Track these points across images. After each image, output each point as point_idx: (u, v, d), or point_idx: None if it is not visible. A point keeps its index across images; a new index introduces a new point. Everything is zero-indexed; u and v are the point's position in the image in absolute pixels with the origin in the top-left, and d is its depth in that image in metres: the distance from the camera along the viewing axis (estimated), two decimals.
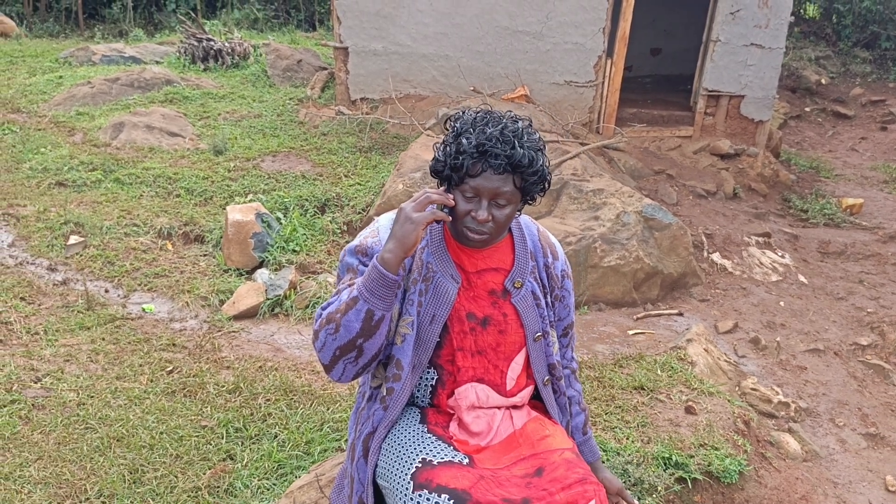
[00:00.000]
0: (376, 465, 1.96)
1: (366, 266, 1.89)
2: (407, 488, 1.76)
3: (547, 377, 2.09)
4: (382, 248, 1.78)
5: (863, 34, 11.97)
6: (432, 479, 1.75)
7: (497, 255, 1.99)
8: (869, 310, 5.29)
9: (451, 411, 2.01)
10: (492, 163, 1.77)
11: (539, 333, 2.02)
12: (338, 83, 7.43)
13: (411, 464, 1.82)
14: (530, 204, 1.96)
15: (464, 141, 1.80)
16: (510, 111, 1.93)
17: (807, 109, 10.47)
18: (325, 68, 8.85)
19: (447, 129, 1.91)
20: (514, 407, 2.06)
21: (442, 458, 1.83)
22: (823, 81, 10.98)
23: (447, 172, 1.84)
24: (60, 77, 8.22)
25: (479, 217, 1.81)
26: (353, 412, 2.13)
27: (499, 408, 2.03)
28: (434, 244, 1.94)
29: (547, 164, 1.89)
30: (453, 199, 1.81)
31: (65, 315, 4.22)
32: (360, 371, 1.86)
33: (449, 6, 6.98)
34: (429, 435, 1.93)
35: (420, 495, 1.73)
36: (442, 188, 1.90)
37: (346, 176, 6.06)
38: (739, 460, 3.32)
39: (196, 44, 8.98)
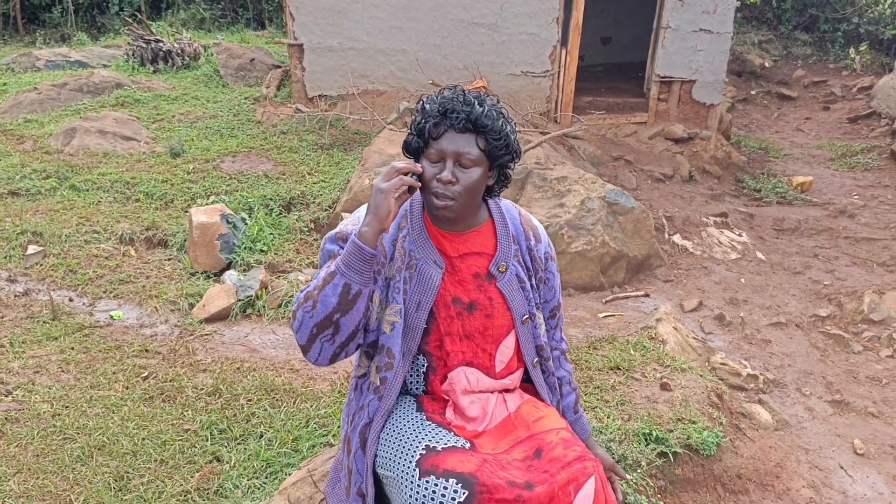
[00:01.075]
0: (375, 456, 1.97)
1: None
2: (413, 475, 1.77)
3: (536, 359, 2.12)
4: (361, 224, 1.81)
5: (802, 17, 12.34)
6: (438, 464, 1.77)
7: (479, 239, 2.00)
8: (825, 282, 5.47)
9: (446, 397, 2.03)
10: (452, 119, 1.81)
11: (526, 316, 2.04)
12: (294, 81, 7.36)
13: (415, 451, 1.83)
14: (505, 185, 1.98)
15: (427, 106, 1.86)
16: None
17: (753, 92, 10.75)
18: (279, 66, 8.76)
19: (418, 111, 1.95)
20: (507, 391, 2.09)
21: (445, 444, 1.85)
22: (767, 65, 11.29)
23: (415, 142, 1.88)
24: (4, 84, 7.97)
25: (443, 178, 1.82)
26: (346, 405, 2.14)
27: (492, 392, 2.06)
28: (415, 232, 1.96)
29: (513, 132, 1.92)
30: (421, 167, 1.84)
31: (30, 326, 4.11)
32: (338, 352, 1.86)
33: (403, 0, 6.97)
34: (428, 422, 1.95)
35: (428, 482, 1.73)
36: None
37: (309, 174, 6.02)
38: (716, 432, 3.42)
39: (144, 46, 8.79)
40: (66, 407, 3.33)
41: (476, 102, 1.84)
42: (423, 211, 1.99)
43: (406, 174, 1.80)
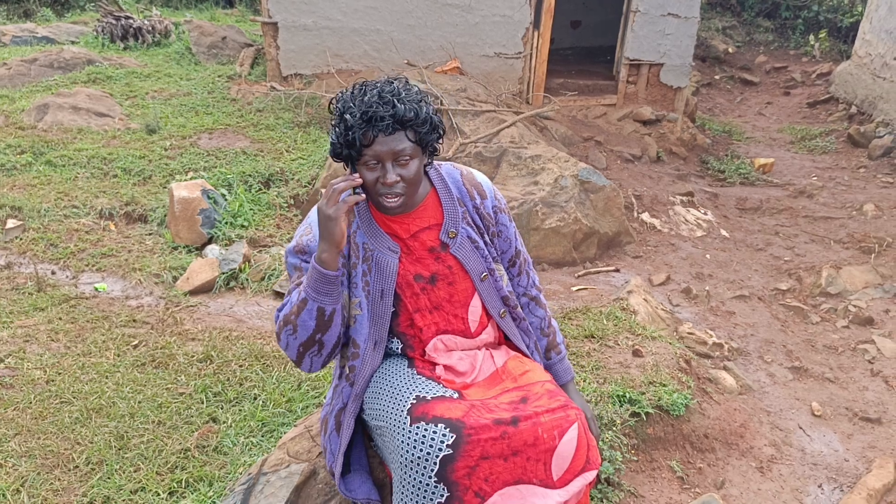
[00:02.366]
0: (362, 409, 2.09)
1: (308, 263, 1.98)
2: (404, 422, 1.88)
3: (502, 309, 2.19)
4: (317, 247, 1.87)
5: (765, 4, 12.65)
6: (428, 411, 1.88)
7: (427, 213, 2.07)
8: (786, 258, 5.74)
9: (433, 362, 2.15)
10: (379, 125, 1.82)
11: (484, 273, 2.12)
12: (268, 59, 7.39)
13: (406, 401, 1.94)
14: (436, 155, 2.04)
15: (348, 117, 1.84)
16: (386, 78, 2.00)
17: (716, 77, 11.03)
18: (252, 44, 8.75)
19: (332, 113, 1.96)
20: (490, 346, 2.23)
21: (435, 394, 1.97)
22: (730, 50, 11.58)
23: (345, 152, 1.88)
24: None
25: (387, 181, 1.86)
26: (332, 388, 2.25)
27: (479, 348, 2.20)
28: (364, 224, 2.03)
29: (432, 111, 1.94)
30: (359, 176, 1.87)
31: (16, 297, 4.15)
32: (327, 359, 2.02)
33: None
34: (419, 376, 2.07)
35: (418, 427, 1.84)
36: (348, 170, 1.96)
37: (287, 151, 6.09)
38: (685, 395, 3.62)
39: (114, 22, 8.71)
40: (59, 373, 3.41)
41: (395, 100, 1.85)
42: (367, 203, 2.04)
43: (347, 190, 1.84)
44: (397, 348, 2.11)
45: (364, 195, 1.87)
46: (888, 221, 6.20)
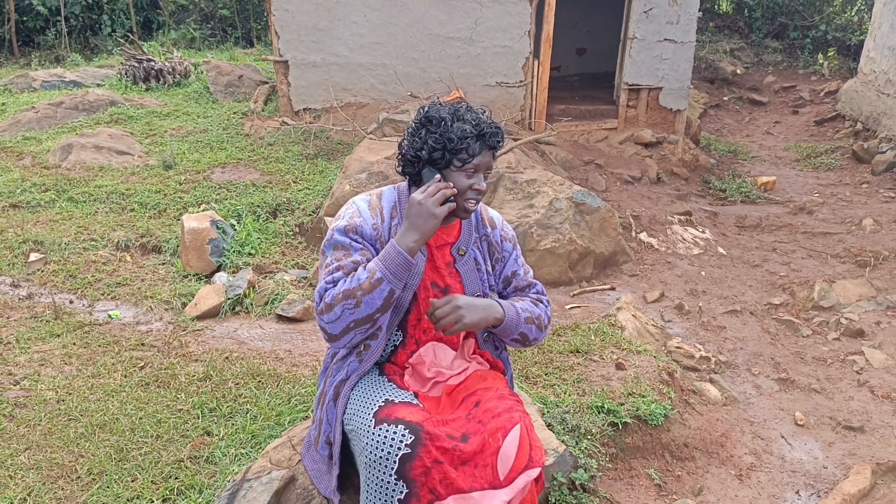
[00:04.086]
0: (345, 411, 2.29)
1: (359, 244, 2.18)
2: (370, 424, 2.07)
3: (486, 335, 2.44)
4: (401, 236, 2.07)
5: (772, 25, 12.79)
6: (391, 413, 2.07)
7: (453, 232, 2.34)
8: (781, 273, 5.83)
9: (407, 367, 2.35)
10: (491, 142, 2.15)
11: (479, 294, 2.36)
12: (280, 95, 7.73)
13: (374, 404, 2.13)
14: None
15: (466, 127, 2.12)
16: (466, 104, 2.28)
17: (724, 98, 11.16)
18: (267, 82, 9.13)
19: (422, 123, 2.20)
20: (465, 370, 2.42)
21: (402, 399, 2.17)
22: (739, 71, 11.71)
23: (447, 158, 2.13)
24: (3, 104, 8.32)
25: (482, 188, 2.17)
26: (322, 371, 2.46)
27: (449, 369, 2.38)
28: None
29: None
30: (452, 185, 2.12)
31: (34, 325, 4.43)
32: (365, 338, 2.22)
33: (383, 17, 7.35)
34: (389, 382, 2.28)
35: (381, 429, 2.03)
36: (437, 176, 2.15)
37: (294, 182, 6.37)
38: (664, 405, 3.75)
39: (137, 65, 9.16)
40: (70, 393, 3.65)
41: (497, 123, 2.19)
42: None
43: (448, 198, 2.09)
44: (397, 339, 2.31)
45: (455, 204, 2.13)
46: (886, 235, 6.26)
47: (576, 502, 3.12)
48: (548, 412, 3.52)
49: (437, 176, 2.12)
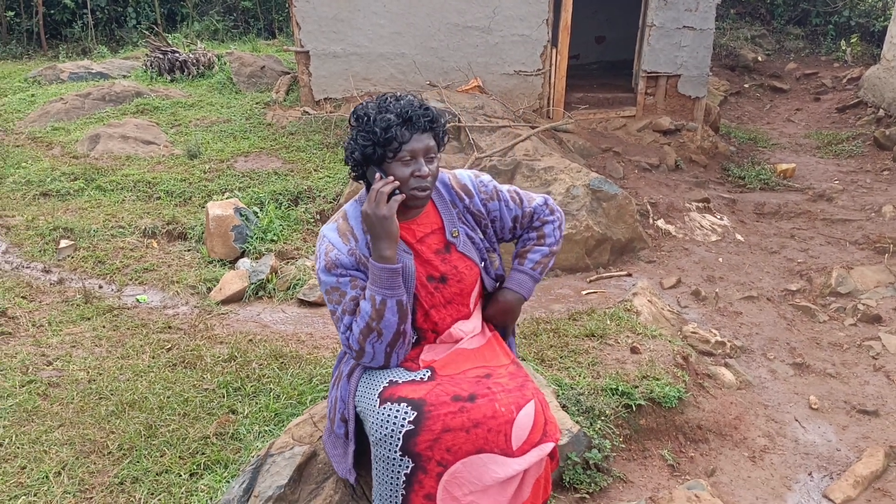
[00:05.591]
0: (356, 393, 2.37)
1: (346, 277, 2.18)
2: (375, 404, 2.16)
3: (496, 285, 2.52)
4: (374, 251, 2.11)
5: (794, 12, 12.67)
6: (395, 393, 2.15)
7: (429, 219, 2.31)
8: (799, 260, 5.84)
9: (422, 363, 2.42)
10: (418, 124, 2.10)
11: (483, 262, 2.41)
12: (301, 85, 7.83)
13: (380, 385, 2.22)
14: (442, 152, 2.36)
15: (389, 116, 2.08)
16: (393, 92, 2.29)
17: (746, 86, 11.09)
18: (288, 73, 9.24)
19: (352, 125, 2.21)
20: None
21: (406, 378, 2.24)
22: (760, 59, 11.62)
23: (378, 152, 2.10)
24: (32, 96, 8.51)
25: (423, 173, 2.11)
26: (339, 357, 2.54)
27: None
28: None
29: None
30: (392, 177, 2.10)
31: (65, 309, 4.59)
32: (408, 347, 2.27)
33: (402, 7, 7.42)
34: (398, 367, 2.36)
35: (385, 408, 2.11)
36: (378, 175, 2.16)
37: (315, 170, 6.48)
38: (678, 388, 3.80)
39: (161, 56, 9.31)
40: (100, 374, 3.79)
41: (424, 105, 2.16)
42: None
43: (391, 192, 2.08)
44: (413, 337, 2.36)
45: (405, 194, 2.11)
46: None
47: (589, 481, 3.20)
48: (562, 394, 3.59)
49: (378, 174, 2.11)
